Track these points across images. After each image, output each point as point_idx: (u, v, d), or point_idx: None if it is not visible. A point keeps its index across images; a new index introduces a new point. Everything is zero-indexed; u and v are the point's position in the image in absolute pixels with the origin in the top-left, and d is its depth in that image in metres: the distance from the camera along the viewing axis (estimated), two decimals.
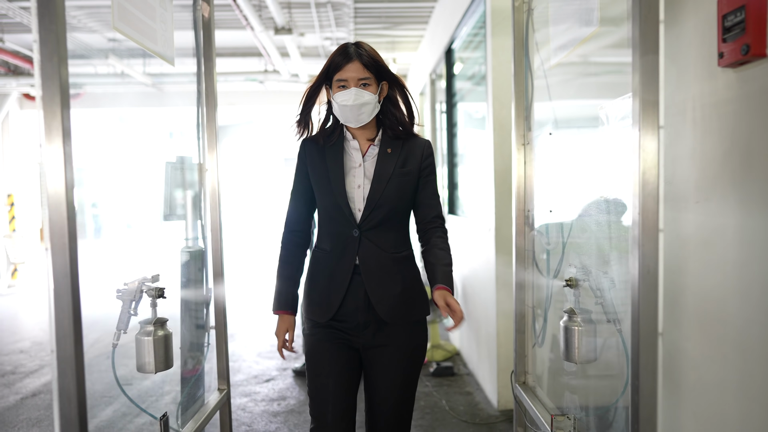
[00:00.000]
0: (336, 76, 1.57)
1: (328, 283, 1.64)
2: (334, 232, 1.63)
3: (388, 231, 1.60)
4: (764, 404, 1.11)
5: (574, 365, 1.70)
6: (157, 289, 1.68)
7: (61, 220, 1.11)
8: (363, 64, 1.55)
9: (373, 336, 1.63)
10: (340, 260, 1.61)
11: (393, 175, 1.59)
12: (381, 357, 1.65)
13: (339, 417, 1.65)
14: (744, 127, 1.14)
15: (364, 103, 1.55)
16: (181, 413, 2.04)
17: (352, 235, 1.59)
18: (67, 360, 1.16)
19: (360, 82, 1.55)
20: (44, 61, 1.10)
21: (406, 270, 1.63)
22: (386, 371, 1.65)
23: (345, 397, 1.66)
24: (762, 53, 1.06)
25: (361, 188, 1.60)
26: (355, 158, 1.64)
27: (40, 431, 3.16)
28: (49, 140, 1.12)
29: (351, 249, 1.59)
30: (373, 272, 1.58)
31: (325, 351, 1.66)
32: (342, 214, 1.59)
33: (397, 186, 1.59)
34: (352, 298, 1.62)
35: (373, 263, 1.58)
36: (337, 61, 1.57)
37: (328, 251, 1.64)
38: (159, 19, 1.76)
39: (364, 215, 1.58)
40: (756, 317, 1.12)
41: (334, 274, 1.63)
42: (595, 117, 1.56)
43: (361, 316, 1.63)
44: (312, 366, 1.70)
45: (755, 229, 1.12)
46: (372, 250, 1.58)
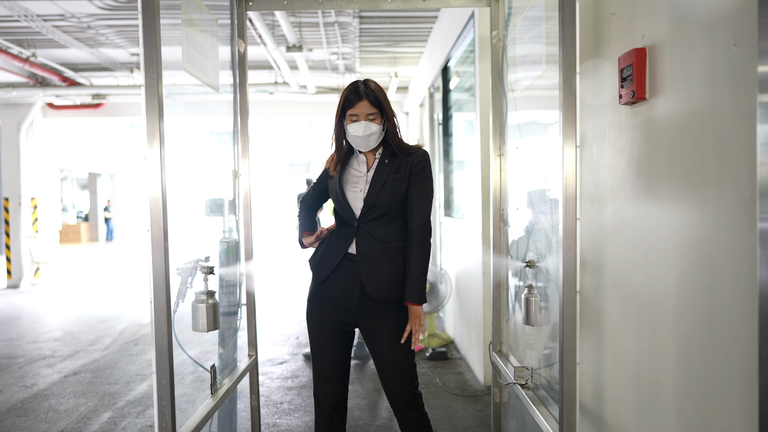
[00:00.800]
0: (349, 111, 2.00)
1: (325, 255, 2.09)
2: (339, 222, 2.10)
3: (382, 225, 2.03)
4: (649, 342, 1.58)
5: (532, 328, 2.19)
6: (208, 267, 2.16)
7: (157, 205, 1.58)
8: (370, 102, 1.99)
9: (367, 313, 2.05)
10: (338, 240, 2.06)
11: (387, 180, 2.01)
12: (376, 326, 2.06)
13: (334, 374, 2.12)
14: (635, 147, 1.63)
15: (371, 133, 1.99)
16: (219, 373, 2.52)
17: (352, 226, 2.04)
18: (160, 308, 1.63)
19: (368, 116, 1.99)
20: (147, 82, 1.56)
21: (395, 257, 2.03)
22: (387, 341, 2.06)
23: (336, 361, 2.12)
24: (643, 97, 1.55)
25: (362, 192, 2.05)
26: (362, 170, 2.09)
27: (86, 400, 3.64)
28: (150, 145, 1.59)
29: (350, 236, 2.04)
30: (366, 256, 2.01)
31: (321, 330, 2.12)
32: (345, 213, 2.06)
33: (390, 189, 2.01)
34: (349, 281, 2.03)
35: (367, 249, 2.01)
36: (350, 99, 2.00)
37: (334, 233, 2.11)
38: (210, 57, 2.25)
39: (362, 213, 2.02)
40: (643, 280, 1.60)
41: (330, 249, 2.08)
42: (544, 133, 2.06)
43: (356, 298, 2.05)
44: (312, 339, 2.16)
45: (641, 219, 1.60)
46: (367, 238, 2.02)
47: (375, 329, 2.06)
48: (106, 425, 3.24)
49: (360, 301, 2.05)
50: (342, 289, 2.07)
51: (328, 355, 2.13)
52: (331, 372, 2.13)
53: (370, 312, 2.05)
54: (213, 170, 2.71)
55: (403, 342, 2.04)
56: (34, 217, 9.23)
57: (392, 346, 2.05)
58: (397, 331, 2.06)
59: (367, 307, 2.05)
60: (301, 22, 6.00)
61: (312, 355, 2.19)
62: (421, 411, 2.13)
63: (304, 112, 9.40)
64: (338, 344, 2.14)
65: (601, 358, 1.89)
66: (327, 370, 2.14)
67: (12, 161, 9.03)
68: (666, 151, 1.47)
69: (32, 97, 8.47)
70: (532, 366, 2.20)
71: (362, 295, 2.04)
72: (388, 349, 2.05)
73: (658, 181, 1.51)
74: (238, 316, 2.68)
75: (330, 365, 2.13)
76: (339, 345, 2.14)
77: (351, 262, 2.04)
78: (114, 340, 5.30)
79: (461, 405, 3.45)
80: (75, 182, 24.18)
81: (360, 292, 2.05)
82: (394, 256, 2.02)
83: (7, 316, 6.63)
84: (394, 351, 2.05)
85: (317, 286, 2.14)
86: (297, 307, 6.75)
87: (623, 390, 1.74)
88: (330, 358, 2.13)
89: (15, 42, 6.60)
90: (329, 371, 2.14)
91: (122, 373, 4.23)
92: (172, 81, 1.90)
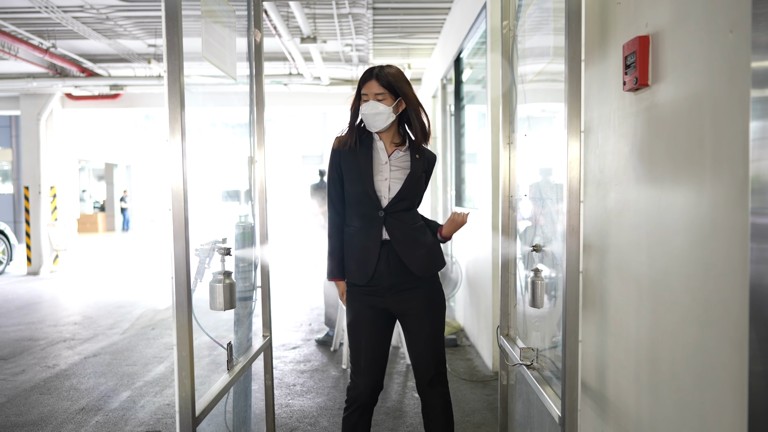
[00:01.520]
0: (361, 91, 2.10)
1: (362, 253, 2.14)
2: (362, 213, 2.13)
3: (405, 212, 2.12)
4: (649, 321, 1.64)
5: (538, 311, 2.25)
6: (226, 248, 2.24)
7: (179, 194, 1.67)
8: (379, 83, 2.06)
9: (397, 295, 2.12)
10: (369, 234, 2.11)
11: (420, 177, 2.12)
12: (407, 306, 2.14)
13: (371, 364, 2.16)
14: (638, 133, 1.68)
15: (378, 112, 2.06)
16: (235, 351, 2.61)
17: (378, 216, 2.10)
18: (181, 284, 1.72)
19: (377, 95, 2.07)
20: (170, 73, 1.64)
21: (423, 235, 2.15)
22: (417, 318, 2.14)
23: (376, 349, 2.17)
24: (645, 83, 1.60)
25: (387, 181, 2.11)
26: (382, 157, 2.14)
27: (106, 380, 3.76)
28: (173, 136, 1.68)
29: (378, 226, 2.10)
30: (401, 240, 2.09)
31: (361, 314, 2.17)
32: (369, 199, 2.10)
33: (417, 183, 2.12)
34: (379, 267, 2.10)
35: (399, 234, 2.09)
36: (362, 78, 2.10)
37: (359, 228, 2.14)
38: (228, 47, 2.33)
39: (391, 203, 2.08)
40: (644, 261, 1.66)
41: (366, 246, 2.12)
42: (551, 121, 2.11)
43: (385, 280, 2.12)
44: (351, 326, 2.21)
45: (643, 202, 1.66)
46: (396, 224, 2.09)
47: (405, 309, 2.14)
48: (125, 403, 3.36)
49: (389, 282, 2.12)
50: (380, 276, 2.13)
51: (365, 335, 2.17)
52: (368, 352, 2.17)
53: (399, 293, 2.13)
54: (230, 156, 2.80)
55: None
56: (54, 205, 9.42)
57: (422, 323, 2.14)
58: (427, 309, 2.15)
59: (396, 288, 2.13)
60: (315, 13, 6.06)
61: (349, 337, 2.23)
62: (446, 388, 2.23)
63: (317, 104, 9.48)
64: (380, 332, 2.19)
65: (604, 339, 1.95)
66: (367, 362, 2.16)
67: (32, 151, 9.22)
68: (667, 136, 1.53)
69: (51, 87, 8.64)
70: (537, 347, 2.27)
71: (391, 276, 2.11)
72: (418, 324, 2.14)
73: (659, 165, 1.56)
74: (253, 299, 2.77)
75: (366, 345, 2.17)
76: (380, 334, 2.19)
77: (384, 249, 2.11)
78: (132, 324, 5.44)
79: (470, 389, 3.52)
80: (92, 172, 24.51)
81: (389, 274, 2.11)
82: (423, 234, 2.16)
83: (28, 301, 6.81)
84: (423, 324, 2.14)
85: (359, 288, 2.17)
86: (310, 295, 6.86)
87: (624, 367, 1.80)
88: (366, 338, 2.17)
89: (36, 33, 6.74)
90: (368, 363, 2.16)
91: (140, 356, 4.35)
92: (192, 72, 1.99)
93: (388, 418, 3.10)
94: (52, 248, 9.26)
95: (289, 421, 3.12)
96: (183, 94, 1.67)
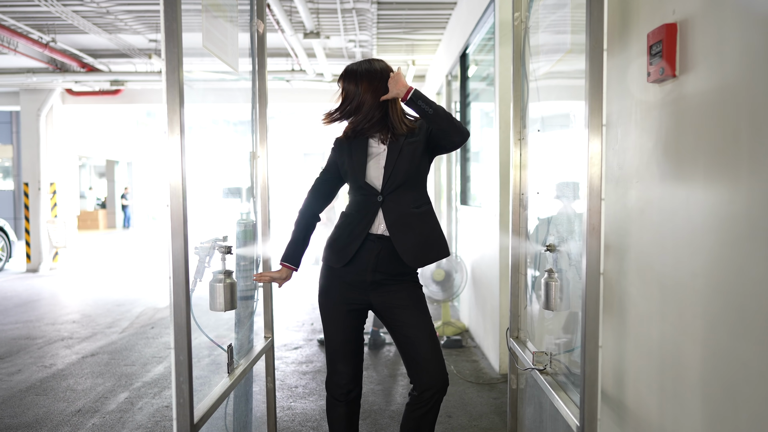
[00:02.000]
0: None
1: (348, 235, 2.02)
2: (361, 200, 2.03)
3: (405, 192, 1.98)
4: (674, 326, 1.55)
5: (552, 312, 2.16)
6: (226, 246, 2.15)
7: (177, 190, 1.58)
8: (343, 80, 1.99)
9: (379, 289, 2.00)
10: (363, 218, 2.00)
11: (403, 146, 1.97)
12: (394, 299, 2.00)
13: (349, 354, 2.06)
14: (663, 127, 1.59)
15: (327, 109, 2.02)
16: (236, 353, 2.52)
17: (376, 201, 1.98)
18: (179, 284, 1.63)
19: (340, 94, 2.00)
20: (168, 71, 1.56)
21: (425, 221, 2.00)
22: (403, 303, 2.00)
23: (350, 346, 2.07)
24: (672, 74, 1.51)
25: (383, 168, 1.99)
26: (380, 146, 2.04)
27: (104, 381, 3.68)
28: (171, 132, 1.59)
29: (374, 209, 1.98)
30: (397, 226, 1.96)
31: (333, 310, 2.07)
32: (368, 187, 1.99)
33: (408, 154, 1.96)
34: (363, 260, 1.97)
35: (396, 217, 1.96)
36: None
37: (354, 213, 2.04)
38: (229, 36, 2.24)
39: (383, 183, 1.97)
40: (668, 262, 1.57)
41: (354, 229, 2.01)
42: (567, 117, 2.02)
43: (368, 275, 2.00)
44: (324, 319, 2.11)
45: (667, 200, 1.56)
46: (393, 208, 1.97)
47: (393, 302, 2.00)
48: (123, 405, 3.27)
49: (372, 278, 2.00)
50: (356, 269, 2.01)
51: (341, 336, 2.07)
52: (345, 354, 2.08)
53: (383, 287, 2.00)
54: (232, 153, 2.70)
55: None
56: (53, 202, 9.34)
57: (414, 314, 1.98)
58: (417, 300, 2.01)
59: (378, 283, 2.00)
60: (318, 8, 5.97)
61: (326, 339, 2.14)
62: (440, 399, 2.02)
63: (320, 101, 9.38)
64: (352, 325, 2.08)
65: (623, 343, 1.86)
66: (341, 352, 2.08)
67: (32, 146, 9.13)
68: (696, 130, 1.43)
69: (52, 82, 8.55)
70: (551, 351, 2.18)
71: (375, 272, 1.99)
72: (410, 316, 1.98)
73: (687, 161, 1.47)
74: (254, 299, 2.68)
75: (344, 346, 2.08)
76: (353, 326, 2.09)
77: (370, 242, 1.99)
78: (131, 323, 5.36)
79: (476, 392, 3.43)
80: (93, 169, 24.44)
81: (372, 269, 1.99)
82: (426, 219, 2.00)
83: (26, 299, 6.73)
84: (418, 318, 1.98)
85: (334, 269, 2.07)
86: (311, 294, 6.77)
87: (646, 374, 1.71)
88: (344, 339, 2.07)
89: (35, 27, 6.65)
90: (343, 353, 2.08)
91: (139, 355, 4.27)
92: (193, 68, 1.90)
93: (393, 422, 3.01)
94: (52, 245, 9.17)
95: (292, 425, 3.04)
96: (182, 89, 1.58)
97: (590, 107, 1.59)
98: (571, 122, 1.99)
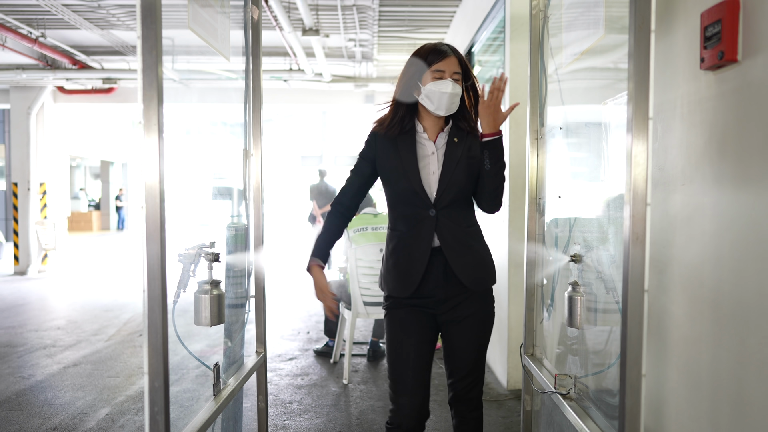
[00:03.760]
0: (434, 67, 1.73)
1: (408, 261, 1.79)
2: (410, 214, 1.79)
3: (459, 209, 1.78)
4: (733, 353, 1.33)
5: (577, 330, 1.93)
6: (214, 253, 1.92)
7: (154, 193, 1.35)
8: (458, 60, 1.76)
9: (451, 309, 1.81)
10: (418, 239, 1.78)
11: (461, 158, 1.77)
12: (460, 328, 1.83)
13: (418, 384, 1.82)
14: (720, 121, 1.37)
15: (457, 93, 1.73)
16: (223, 371, 2.29)
17: (428, 215, 1.76)
18: (155, 299, 1.40)
19: (454, 75, 1.74)
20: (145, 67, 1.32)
21: (478, 242, 1.83)
22: (465, 341, 1.83)
23: (423, 367, 1.83)
24: (734, 58, 1.29)
25: (435, 174, 1.78)
26: (428, 147, 1.81)
27: (84, 394, 3.44)
28: (148, 134, 1.35)
29: (429, 228, 1.76)
30: (452, 246, 1.76)
31: (406, 326, 1.83)
32: (418, 198, 1.76)
33: (465, 168, 1.76)
34: (432, 274, 1.79)
35: (451, 238, 1.76)
36: (436, 53, 1.75)
37: (405, 232, 1.80)
38: (219, 20, 2.02)
39: (437, 196, 1.75)
40: (727, 278, 1.35)
41: (413, 252, 1.79)
42: (599, 113, 1.80)
43: (440, 291, 1.80)
44: (392, 339, 1.85)
45: (726, 206, 1.34)
46: (448, 226, 1.76)
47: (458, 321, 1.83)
48: (102, 422, 3.03)
49: (445, 294, 1.81)
50: (427, 289, 1.81)
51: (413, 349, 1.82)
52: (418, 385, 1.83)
53: (453, 304, 1.82)
54: (223, 152, 2.48)
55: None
56: (43, 203, 9.08)
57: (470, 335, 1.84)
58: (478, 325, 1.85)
59: (450, 299, 1.82)
60: (318, 4, 5.75)
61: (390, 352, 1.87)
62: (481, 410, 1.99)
63: (318, 101, 9.17)
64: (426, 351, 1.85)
65: (664, 369, 1.63)
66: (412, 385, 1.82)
67: (21, 145, 8.88)
68: (765, 123, 1.21)
69: (42, 80, 8.31)
70: (575, 374, 1.95)
71: (446, 287, 1.80)
72: (465, 341, 1.84)
73: (754, 160, 1.25)
74: (246, 309, 2.45)
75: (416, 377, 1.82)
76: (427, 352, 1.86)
77: (434, 257, 1.79)
78: (118, 330, 5.11)
79: (484, 410, 3.19)
80: (88, 170, 24.15)
81: (444, 285, 1.80)
82: (479, 239, 1.85)
83: (11, 303, 6.47)
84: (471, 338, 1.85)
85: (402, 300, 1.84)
86: (308, 301, 6.53)
87: (693, 408, 1.49)
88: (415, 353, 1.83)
89: (24, 21, 6.42)
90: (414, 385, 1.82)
91: (124, 366, 4.02)
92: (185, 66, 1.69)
93: None
94: (41, 247, 8.91)
95: None
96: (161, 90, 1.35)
97: (634, 98, 1.37)
98: (605, 113, 1.77)
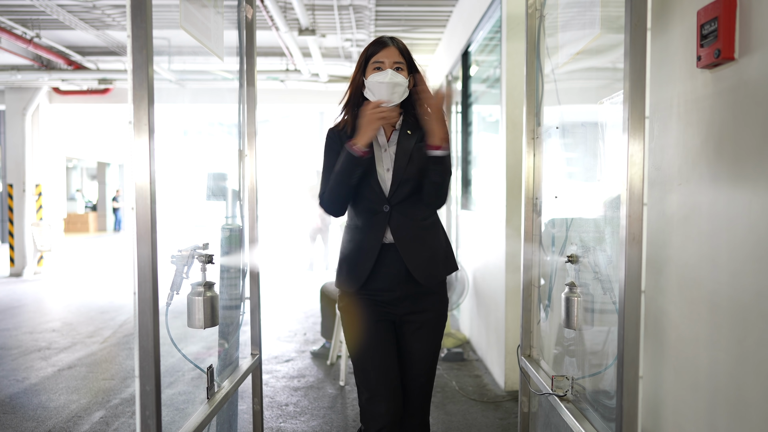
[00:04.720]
0: (373, 59, 1.75)
1: (357, 255, 1.80)
2: (366, 209, 1.79)
3: (414, 203, 1.77)
4: (730, 354, 1.32)
5: (574, 332, 1.92)
6: (207, 255, 1.90)
7: (145, 193, 1.33)
8: (398, 50, 1.75)
9: (408, 307, 1.81)
10: (369, 233, 1.78)
11: (413, 150, 1.76)
12: (416, 327, 1.83)
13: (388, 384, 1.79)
14: (717, 120, 1.35)
15: (397, 83, 1.71)
16: (217, 374, 2.27)
17: (382, 211, 1.76)
18: (146, 301, 1.38)
19: (395, 64, 1.73)
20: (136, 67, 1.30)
21: (434, 235, 1.81)
22: (421, 340, 1.83)
23: (391, 365, 1.81)
24: (731, 57, 1.28)
25: (390, 171, 1.78)
26: (381, 143, 1.81)
27: (79, 397, 3.41)
28: (138, 134, 1.33)
29: (381, 223, 1.76)
30: (406, 241, 1.75)
31: (366, 326, 1.82)
32: (374, 193, 1.76)
33: (417, 160, 1.75)
34: (387, 271, 1.78)
35: (405, 233, 1.75)
36: (375, 46, 1.76)
37: (360, 227, 1.81)
38: (212, 19, 2.00)
39: (391, 191, 1.75)
40: (724, 279, 1.33)
41: (362, 246, 1.79)
42: (596, 113, 1.78)
43: (399, 289, 1.79)
44: (354, 341, 1.84)
45: (723, 205, 1.33)
46: (402, 221, 1.75)
47: (415, 322, 1.83)
48: (97, 425, 3.01)
49: (403, 292, 1.80)
50: (383, 284, 1.80)
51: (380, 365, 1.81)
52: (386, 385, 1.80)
53: (411, 304, 1.82)
54: (217, 153, 2.46)
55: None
56: (39, 204, 9.04)
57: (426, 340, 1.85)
58: (433, 329, 1.86)
59: (408, 298, 1.81)
60: (314, 4, 5.73)
61: (359, 371, 1.85)
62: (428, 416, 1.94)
63: (315, 102, 9.14)
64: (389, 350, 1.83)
65: (661, 371, 1.62)
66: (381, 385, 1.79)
67: (17, 147, 8.84)
68: (762, 122, 1.20)
69: (38, 80, 8.27)
70: (572, 375, 1.93)
71: (406, 284, 1.79)
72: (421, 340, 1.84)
73: (750, 159, 1.24)
74: (240, 311, 2.43)
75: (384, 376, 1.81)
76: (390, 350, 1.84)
77: (388, 251, 1.78)
78: (113, 332, 5.08)
79: (480, 412, 3.19)
80: (84, 172, 24.08)
81: (403, 282, 1.79)
82: (433, 233, 1.82)
83: (6, 305, 6.44)
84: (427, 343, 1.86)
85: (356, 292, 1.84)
86: (304, 301, 6.51)
87: (690, 409, 1.47)
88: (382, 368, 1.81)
89: (19, 22, 6.38)
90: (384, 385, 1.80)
91: (119, 368, 4.00)
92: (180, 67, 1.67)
93: None
94: (36, 249, 8.87)
95: None
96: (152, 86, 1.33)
97: (630, 97, 1.36)
98: (601, 112, 1.76)
